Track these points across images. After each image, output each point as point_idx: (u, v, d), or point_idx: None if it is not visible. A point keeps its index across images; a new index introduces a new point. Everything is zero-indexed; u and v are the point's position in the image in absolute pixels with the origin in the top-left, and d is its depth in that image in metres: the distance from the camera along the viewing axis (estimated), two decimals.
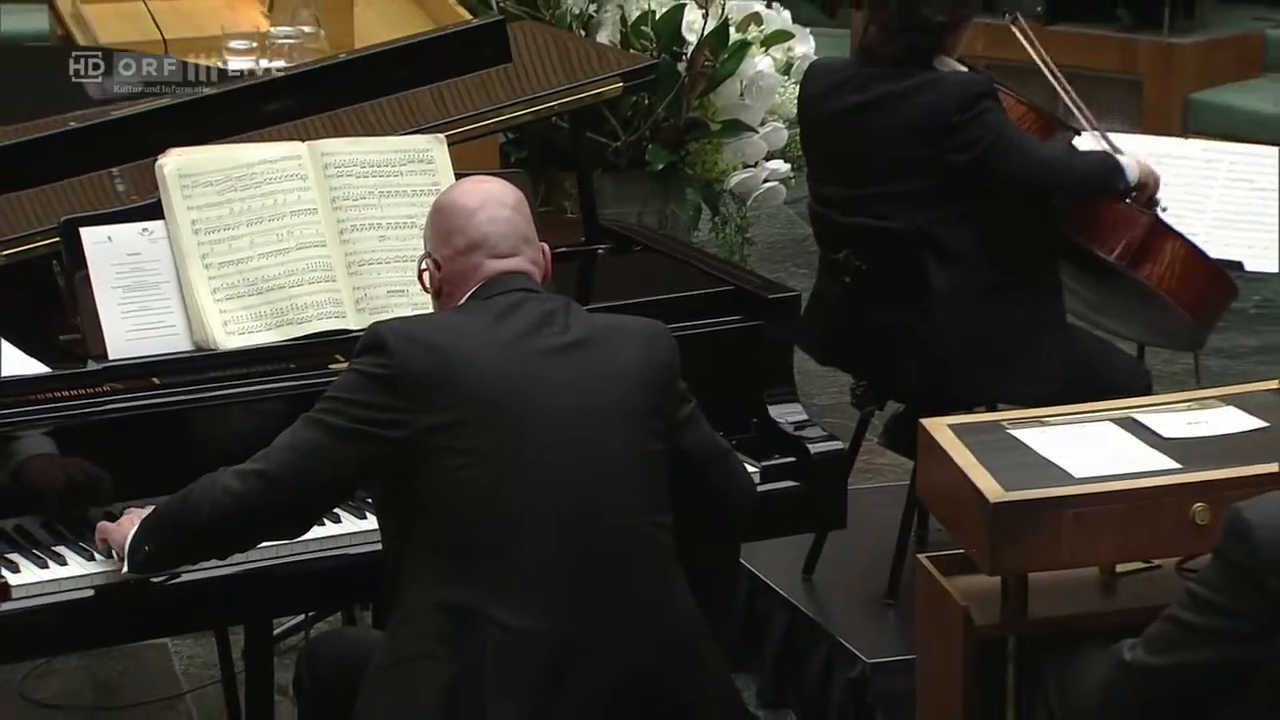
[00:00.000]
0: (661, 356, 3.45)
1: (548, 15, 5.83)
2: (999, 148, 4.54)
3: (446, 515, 3.29)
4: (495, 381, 3.29)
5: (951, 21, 4.59)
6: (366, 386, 3.30)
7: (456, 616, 3.26)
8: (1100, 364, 4.72)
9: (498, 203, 3.46)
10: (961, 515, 3.52)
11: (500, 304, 3.39)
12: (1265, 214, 5.00)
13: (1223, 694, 3.00)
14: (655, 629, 3.34)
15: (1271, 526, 2.95)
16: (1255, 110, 8.02)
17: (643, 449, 3.36)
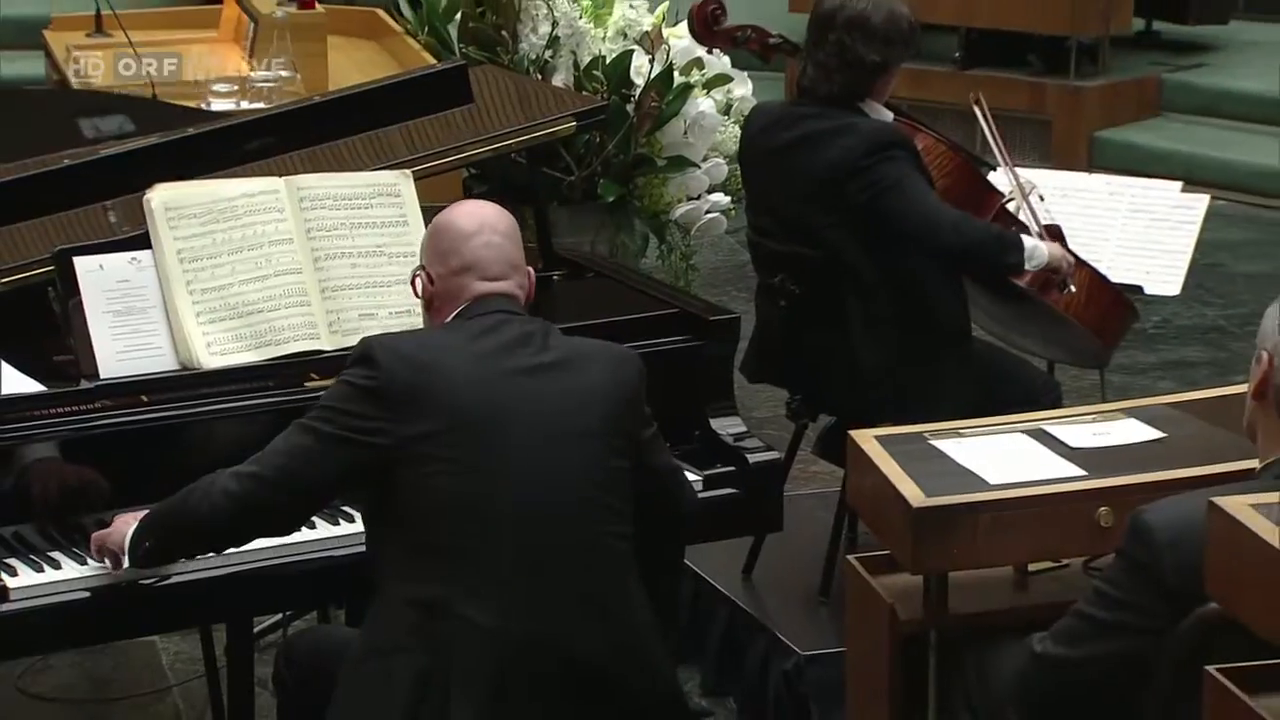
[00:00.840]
0: (630, 381, 3.46)
1: (506, 60, 5.83)
2: (893, 194, 4.50)
3: (420, 518, 3.29)
4: (472, 397, 3.30)
5: (884, 61, 4.58)
6: (354, 397, 3.30)
7: (425, 611, 3.26)
8: (1014, 380, 4.73)
9: (492, 230, 3.46)
10: (887, 519, 3.52)
11: (482, 324, 3.39)
12: (1163, 242, 5.02)
13: (1125, 682, 3.01)
14: (610, 633, 3.34)
15: (1169, 529, 2.96)
16: (1154, 147, 8.06)
17: (607, 465, 3.37)
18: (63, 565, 3.52)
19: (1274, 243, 7.50)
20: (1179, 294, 5.09)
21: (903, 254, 4.57)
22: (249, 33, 5.81)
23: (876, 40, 4.55)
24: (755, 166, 4.86)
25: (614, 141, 5.79)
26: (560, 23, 5.91)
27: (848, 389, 4.63)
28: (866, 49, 4.55)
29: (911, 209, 4.52)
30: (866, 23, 4.55)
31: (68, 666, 4.62)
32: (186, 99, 5.11)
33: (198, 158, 4.11)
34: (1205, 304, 6.76)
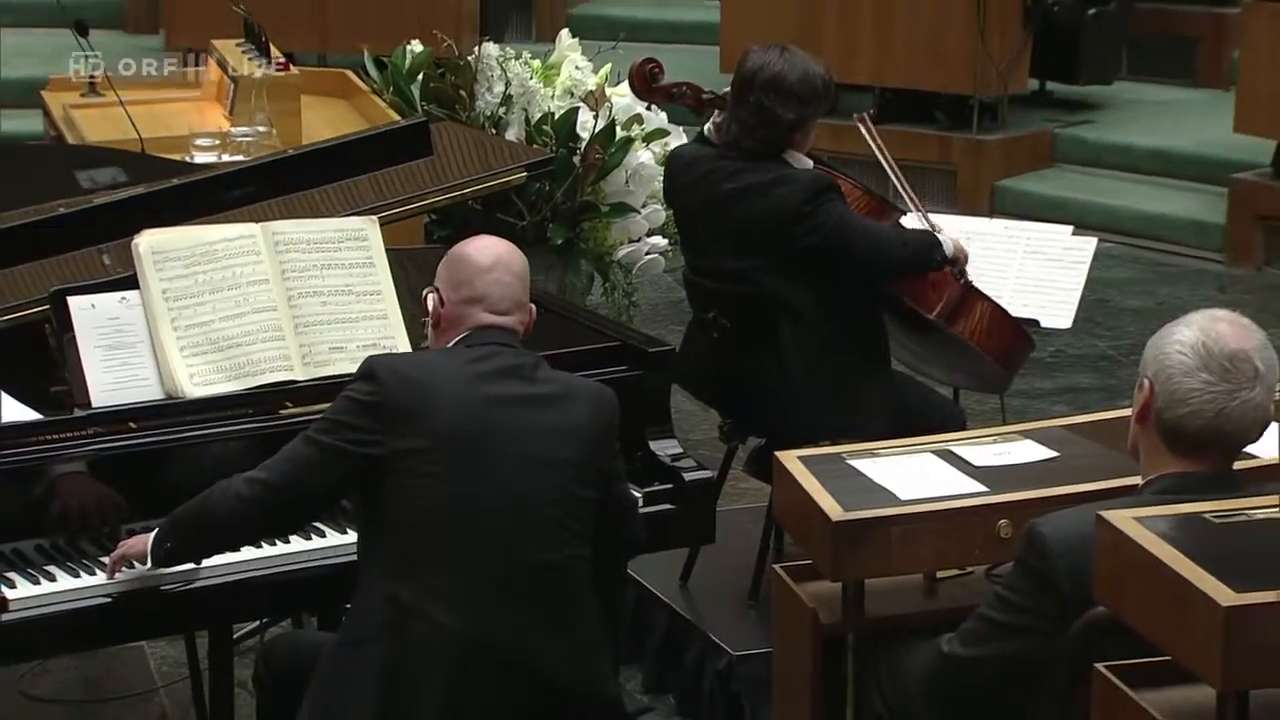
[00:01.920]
0: (608, 419, 3.46)
1: (464, 116, 5.84)
2: (840, 231, 4.53)
3: (401, 524, 3.29)
4: (459, 420, 3.29)
5: (799, 119, 4.58)
6: (354, 410, 3.31)
7: (398, 610, 3.25)
8: (923, 405, 4.73)
9: (506, 268, 3.45)
10: (809, 531, 3.51)
11: (477, 353, 3.38)
12: (1056, 280, 5.04)
13: (1023, 679, 3.01)
14: (566, 646, 3.34)
15: (1062, 539, 2.96)
16: (1048, 195, 8.11)
17: (576, 494, 3.36)
18: (58, 578, 3.48)
19: (1155, 281, 7.55)
20: (1071, 327, 5.10)
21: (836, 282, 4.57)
22: (229, 92, 5.79)
23: (792, 99, 4.55)
24: (693, 214, 4.83)
25: (562, 190, 5.80)
26: (513, 83, 5.93)
27: (775, 414, 4.61)
28: (783, 108, 4.55)
29: (859, 238, 4.57)
30: (783, 83, 4.54)
31: (64, 670, 4.57)
32: (172, 152, 5.09)
33: (183, 205, 4.10)
34: (1094, 336, 6.79)
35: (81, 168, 4.60)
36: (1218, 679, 2.54)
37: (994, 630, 3.07)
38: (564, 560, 3.34)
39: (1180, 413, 2.97)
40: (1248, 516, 2.80)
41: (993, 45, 8.08)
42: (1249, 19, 7.93)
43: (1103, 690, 2.74)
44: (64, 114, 5.79)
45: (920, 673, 3.24)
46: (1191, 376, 2.96)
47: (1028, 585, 3.02)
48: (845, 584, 3.46)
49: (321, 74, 6.48)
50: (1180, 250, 7.83)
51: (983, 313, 4.73)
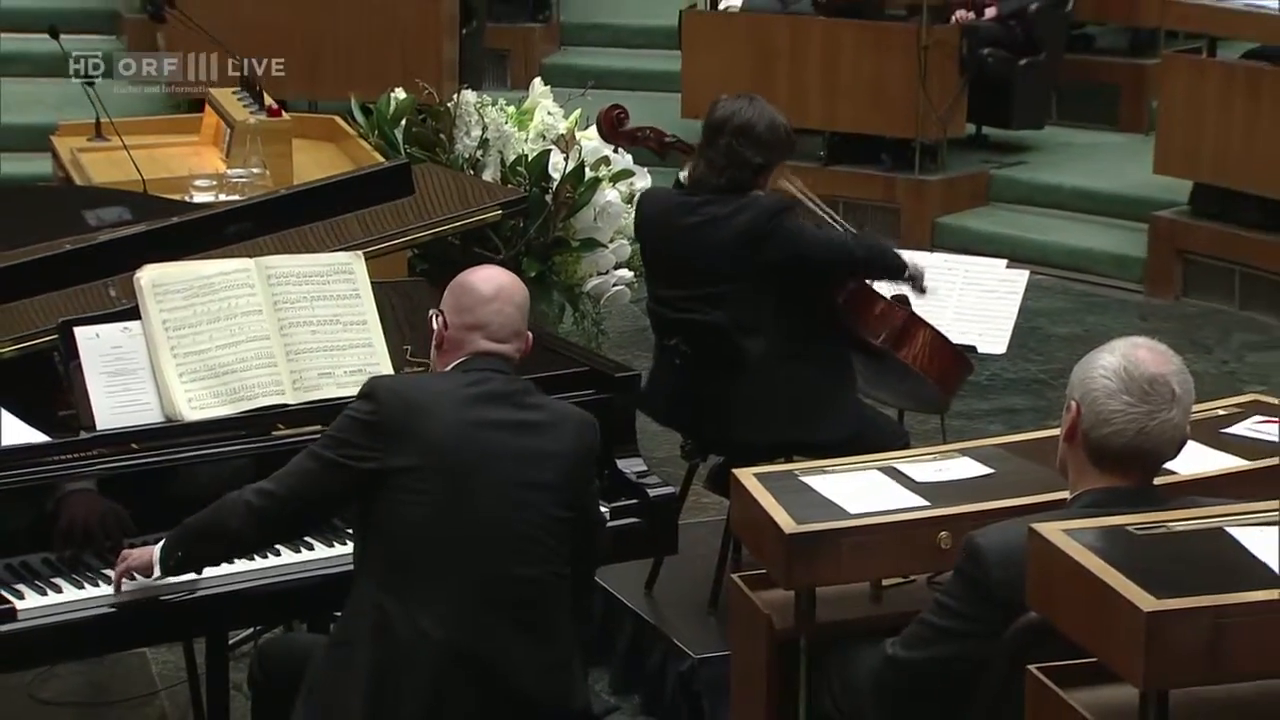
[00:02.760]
0: (589, 446, 3.45)
1: (444, 158, 5.83)
2: (802, 242, 4.57)
3: (391, 535, 3.28)
4: (450, 442, 3.28)
5: (765, 163, 4.61)
6: (353, 428, 3.30)
7: (385, 615, 3.25)
8: (870, 426, 4.74)
9: (507, 299, 3.43)
10: (764, 543, 3.51)
11: (472, 378, 3.37)
12: (992, 310, 5.06)
13: (961, 679, 3.01)
14: (540, 656, 3.34)
15: (997, 550, 2.96)
16: (984, 231, 8.14)
17: (554, 515, 3.36)
18: (63, 589, 3.47)
19: (1082, 310, 7.58)
20: (1005, 352, 5.13)
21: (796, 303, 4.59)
22: (226, 137, 5.79)
23: (761, 145, 4.58)
24: (659, 248, 4.84)
25: (535, 226, 5.79)
26: (489, 127, 5.92)
27: (741, 424, 4.61)
28: (752, 152, 4.58)
29: (820, 246, 4.62)
30: (752, 130, 4.58)
31: (71, 674, 4.54)
32: (172, 193, 5.08)
33: (182, 242, 4.09)
34: (1027, 360, 6.81)
35: (89, 207, 4.61)
36: (1140, 679, 2.54)
37: (935, 634, 3.07)
38: (541, 576, 3.33)
39: (1104, 432, 2.98)
40: (1167, 529, 2.80)
41: (932, 93, 8.11)
42: (1166, 69, 7.98)
43: (1035, 690, 2.74)
44: (72, 157, 5.78)
45: (867, 674, 3.24)
46: (1114, 399, 2.97)
47: (966, 592, 3.02)
48: (798, 592, 3.46)
49: (311, 119, 6.48)
50: (1105, 282, 7.87)
51: (925, 339, 4.73)
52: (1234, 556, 2.70)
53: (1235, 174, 7.46)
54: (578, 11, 10.23)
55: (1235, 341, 7.15)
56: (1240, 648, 2.53)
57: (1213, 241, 7.56)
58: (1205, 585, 2.58)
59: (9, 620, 3.39)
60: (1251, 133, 7.33)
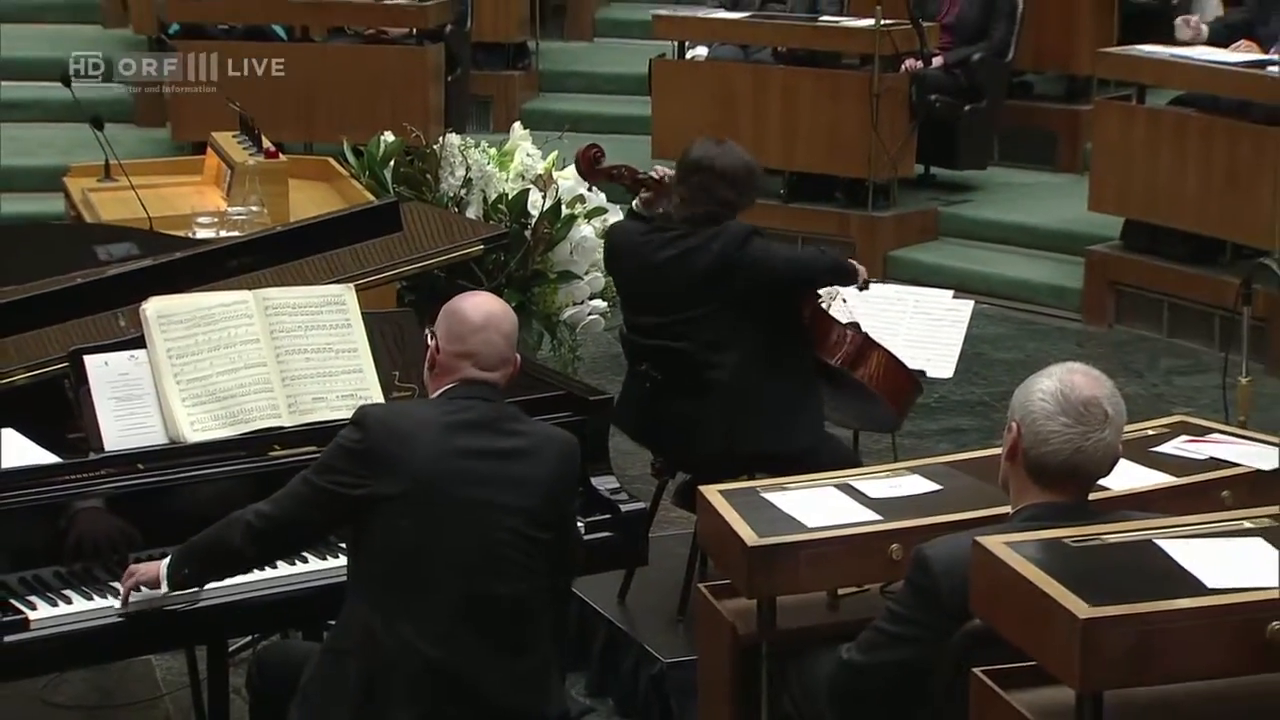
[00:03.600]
0: (571, 470, 3.43)
1: (430, 197, 5.83)
2: (770, 263, 4.59)
3: (379, 555, 3.26)
4: (434, 469, 3.25)
5: (736, 200, 4.64)
6: (342, 455, 3.28)
7: (373, 630, 3.23)
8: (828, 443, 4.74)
9: (495, 328, 3.38)
10: (728, 555, 3.51)
11: (459, 405, 3.34)
12: (940, 337, 5.06)
13: (911, 682, 3.01)
14: (515, 671, 3.31)
15: (944, 560, 2.97)
16: (933, 263, 8.15)
17: (533, 536, 3.33)
18: (73, 601, 3.46)
19: (1023, 337, 7.59)
20: (952, 376, 5.12)
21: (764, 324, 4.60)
22: (226, 177, 5.78)
23: (734, 184, 4.61)
24: (633, 279, 4.84)
25: (515, 260, 5.79)
26: (472, 168, 5.92)
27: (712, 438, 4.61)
28: (725, 190, 4.60)
29: (786, 265, 4.66)
30: (726, 170, 4.60)
31: (80, 680, 4.51)
32: (176, 229, 5.06)
33: (185, 275, 4.08)
34: (972, 384, 6.82)
35: (99, 243, 4.58)
36: (1076, 681, 2.55)
37: (887, 640, 3.07)
38: (519, 593, 3.31)
39: (1043, 451, 2.99)
40: (1101, 541, 2.81)
41: (884, 136, 8.13)
42: (1099, 115, 8.02)
43: (979, 691, 2.74)
44: (82, 197, 5.76)
45: (824, 677, 3.24)
46: (1052, 420, 2.98)
47: (915, 601, 3.02)
48: (759, 600, 3.45)
49: (307, 161, 6.46)
50: (1044, 311, 7.88)
51: (879, 362, 4.74)
52: (1163, 567, 2.70)
53: (1163, 211, 7.49)
54: (555, 60, 10.24)
55: (1163, 366, 7.18)
56: (1168, 652, 2.54)
57: (1143, 274, 7.59)
58: (1136, 594, 2.59)
59: (23, 630, 3.38)
60: (1178, 173, 7.36)
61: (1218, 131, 7.25)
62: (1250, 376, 4.38)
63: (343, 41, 9.00)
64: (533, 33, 10.02)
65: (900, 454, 5.20)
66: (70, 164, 6.44)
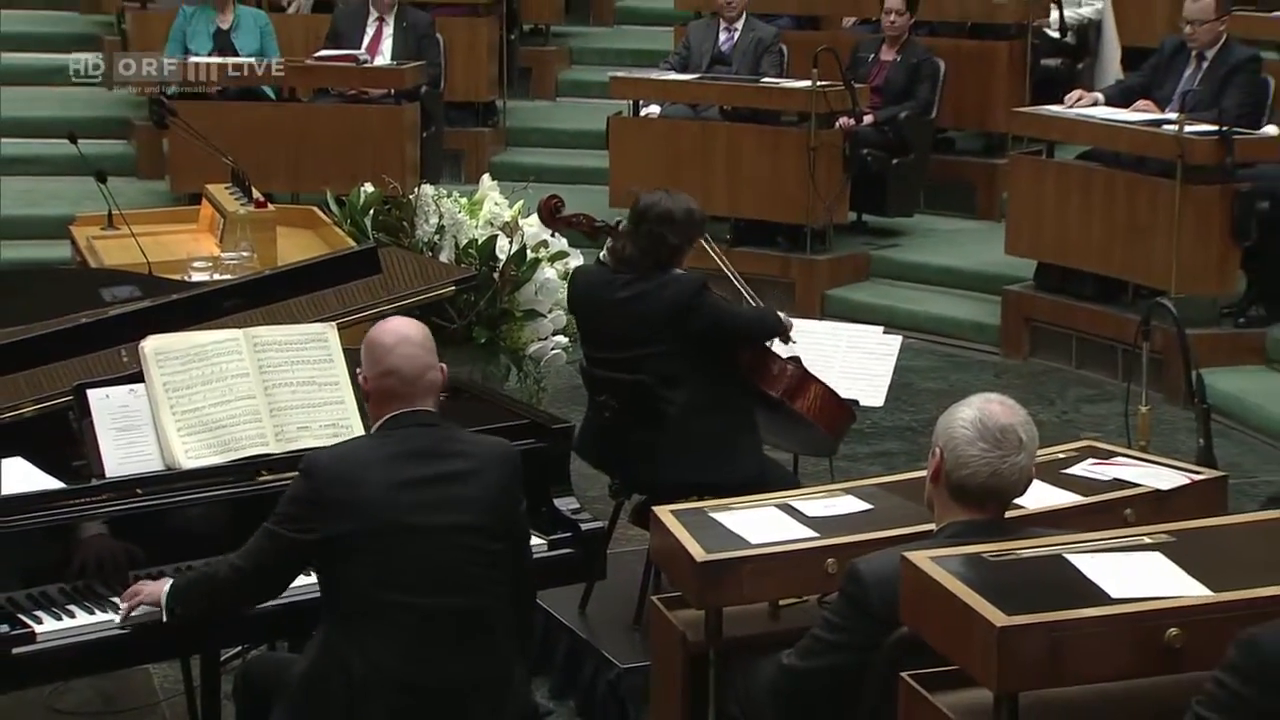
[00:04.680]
0: (513, 480, 3.39)
1: (406, 243, 5.80)
2: (722, 313, 4.64)
3: (344, 587, 3.24)
4: (384, 504, 3.22)
5: (681, 244, 4.66)
6: (294, 505, 3.26)
7: (344, 655, 3.21)
8: (769, 469, 4.75)
9: (408, 341, 3.36)
10: (679, 569, 3.50)
11: (398, 436, 3.30)
12: (871, 369, 5.07)
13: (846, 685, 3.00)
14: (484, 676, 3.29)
15: (875, 574, 2.97)
16: (865, 302, 8.16)
17: (486, 549, 3.30)
18: (76, 615, 3.44)
19: (947, 369, 7.60)
20: (883, 404, 5.14)
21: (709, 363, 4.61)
22: (219, 225, 5.76)
23: (679, 228, 4.63)
24: (592, 318, 4.84)
25: (484, 300, 5.77)
26: (445, 216, 5.90)
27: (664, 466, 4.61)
28: (672, 235, 4.62)
29: (738, 317, 4.72)
30: (671, 217, 4.62)
31: (84, 688, 4.45)
32: (173, 273, 5.04)
33: (182, 315, 4.05)
34: (901, 412, 6.82)
35: (102, 286, 4.57)
36: (994, 684, 2.55)
37: (823, 646, 3.06)
38: (478, 604, 3.28)
39: (963, 474, 3.00)
40: (1016, 555, 2.82)
41: (820, 186, 8.15)
42: (1013, 168, 8.06)
43: (907, 694, 2.75)
44: (87, 244, 5.73)
45: (766, 682, 3.23)
46: (972, 445, 2.99)
47: (849, 611, 3.02)
48: (707, 611, 3.45)
49: (292, 210, 6.44)
50: (965, 345, 7.91)
51: (816, 393, 4.75)
52: (1072, 579, 2.72)
53: (1071, 255, 7.53)
54: (521, 118, 10.25)
55: (1072, 395, 7.21)
56: (1077, 656, 2.55)
57: (1054, 311, 7.63)
58: (1048, 604, 2.60)
59: (30, 642, 3.36)
60: (1084, 221, 7.41)
61: (1119, 183, 7.30)
62: (1150, 405, 4.40)
63: (327, 101, 8.98)
64: (500, 93, 10.03)
65: (836, 476, 5.20)
66: (76, 214, 6.42)
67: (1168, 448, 4.97)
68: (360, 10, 9.15)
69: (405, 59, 8.92)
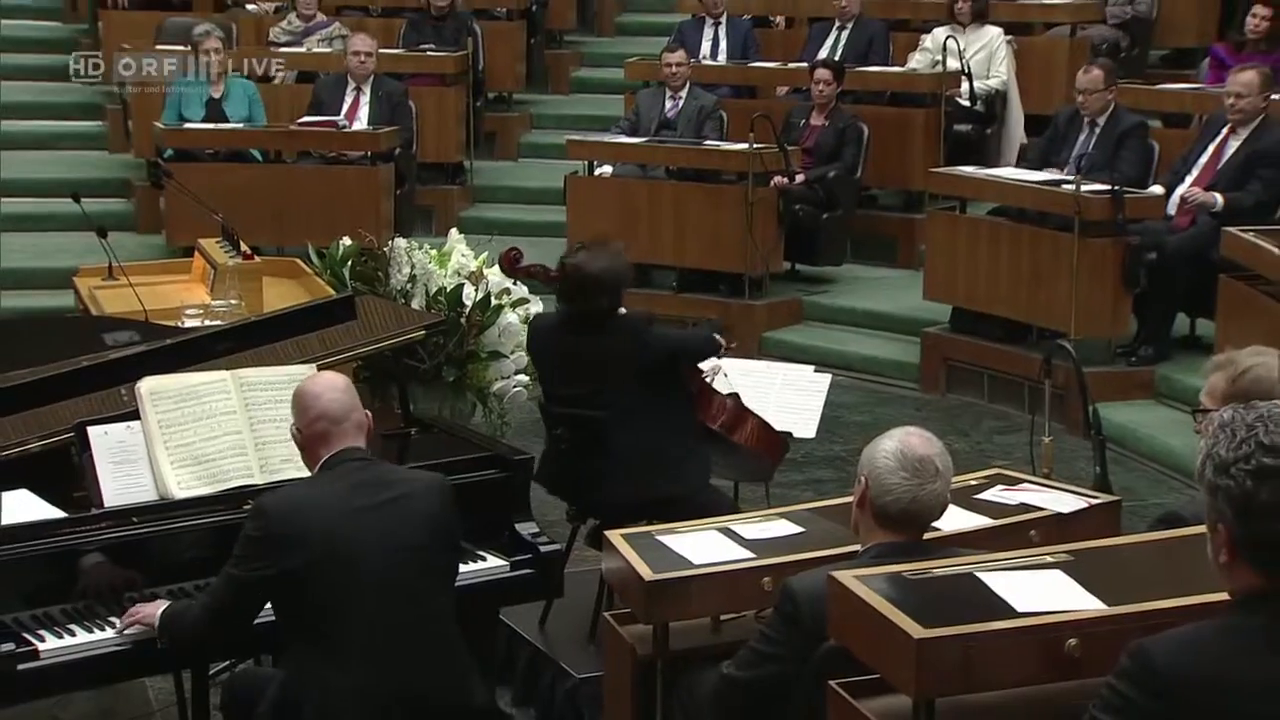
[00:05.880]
0: (446, 501, 3.38)
1: (381, 291, 5.80)
2: (666, 344, 4.65)
3: (303, 613, 3.22)
4: (332, 535, 3.20)
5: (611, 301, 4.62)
6: (249, 545, 3.23)
7: (314, 674, 3.19)
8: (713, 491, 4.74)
9: (331, 388, 3.38)
10: (629, 588, 3.49)
11: (338, 474, 3.29)
12: (804, 404, 5.09)
13: (780, 693, 3.00)
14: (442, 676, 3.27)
15: (806, 591, 2.97)
16: (799, 343, 8.18)
17: (433, 564, 3.30)
18: (77, 634, 3.41)
19: (872, 403, 7.61)
20: (814, 436, 5.14)
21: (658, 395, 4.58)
22: (210, 276, 5.73)
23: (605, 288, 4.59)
24: (550, 361, 4.83)
25: (452, 342, 5.77)
26: (416, 267, 5.90)
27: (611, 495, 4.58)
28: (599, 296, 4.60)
29: (686, 340, 4.80)
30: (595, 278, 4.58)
31: (84, 700, 4.38)
32: (168, 320, 5.01)
33: (176, 358, 4.03)
34: (831, 442, 6.83)
35: (104, 332, 4.54)
36: (912, 691, 2.55)
37: (760, 658, 3.06)
38: (430, 614, 3.26)
39: (886, 500, 3.01)
40: (933, 573, 2.82)
41: (758, 238, 8.18)
42: (930, 223, 8.13)
43: (835, 700, 2.74)
44: (89, 294, 5.69)
45: (708, 690, 3.22)
46: (893, 474, 3.00)
47: (783, 625, 3.02)
48: (655, 626, 3.44)
49: (277, 261, 6.41)
50: (889, 382, 7.93)
51: (754, 426, 4.75)
52: (982, 595, 2.72)
53: (982, 300, 7.58)
54: (486, 177, 10.25)
55: (985, 427, 7.24)
56: (987, 665, 2.55)
57: (967, 351, 7.67)
58: (961, 617, 2.60)
59: (34, 659, 3.33)
60: (993, 270, 7.47)
61: (1024, 237, 7.37)
62: (1052, 436, 4.42)
63: (309, 163, 8.96)
64: (467, 154, 10.02)
65: (772, 502, 5.19)
66: (80, 266, 6.36)
67: (1069, 474, 4.99)
68: (339, 81, 9.16)
69: (380, 124, 8.93)
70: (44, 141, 10.32)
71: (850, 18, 9.46)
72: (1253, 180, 6.94)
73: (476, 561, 3.89)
